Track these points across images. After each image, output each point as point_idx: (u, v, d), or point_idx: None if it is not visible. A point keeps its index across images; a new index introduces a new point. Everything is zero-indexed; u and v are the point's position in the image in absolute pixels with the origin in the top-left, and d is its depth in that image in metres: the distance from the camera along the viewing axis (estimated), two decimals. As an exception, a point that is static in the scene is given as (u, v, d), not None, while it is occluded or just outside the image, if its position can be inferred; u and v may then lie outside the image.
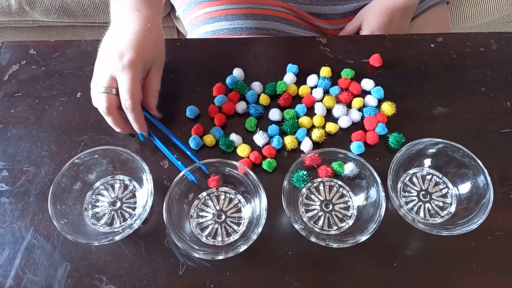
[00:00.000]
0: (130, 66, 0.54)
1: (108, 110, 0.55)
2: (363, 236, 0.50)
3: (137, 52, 0.55)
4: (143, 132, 0.58)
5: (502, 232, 0.54)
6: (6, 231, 0.55)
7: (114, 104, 0.56)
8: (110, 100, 0.55)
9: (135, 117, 0.56)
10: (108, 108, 0.55)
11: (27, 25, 1.16)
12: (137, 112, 0.56)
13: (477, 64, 0.66)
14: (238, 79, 0.64)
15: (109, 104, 0.55)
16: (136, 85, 0.55)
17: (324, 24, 0.81)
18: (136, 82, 0.55)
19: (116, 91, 0.55)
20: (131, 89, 0.55)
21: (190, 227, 0.54)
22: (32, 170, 0.59)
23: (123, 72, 0.55)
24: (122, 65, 0.54)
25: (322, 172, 0.57)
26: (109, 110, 0.56)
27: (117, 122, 0.57)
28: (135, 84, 0.55)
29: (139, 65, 0.55)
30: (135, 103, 0.55)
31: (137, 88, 0.56)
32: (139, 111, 0.57)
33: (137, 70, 0.55)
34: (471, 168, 0.54)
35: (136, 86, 0.55)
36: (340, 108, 0.62)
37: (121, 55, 0.55)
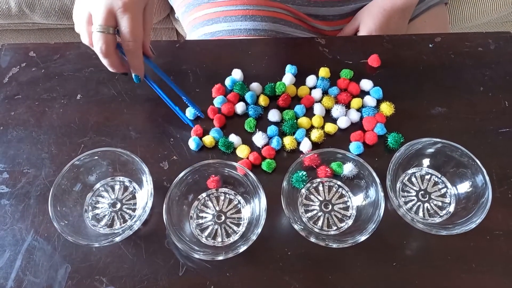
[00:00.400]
0: (133, 5, 0.52)
1: (106, 51, 0.53)
2: (363, 236, 0.50)
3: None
4: (140, 74, 0.57)
5: (501, 231, 0.55)
6: (7, 233, 0.55)
7: (112, 45, 0.53)
8: (108, 40, 0.52)
9: (136, 59, 0.55)
10: (107, 50, 0.53)
11: (27, 28, 1.17)
12: (138, 54, 0.55)
13: (476, 64, 0.67)
14: (237, 80, 0.65)
15: (107, 45, 0.53)
16: (139, 26, 0.53)
17: (322, 25, 0.81)
18: (139, 22, 0.53)
19: (113, 30, 0.53)
20: (134, 30, 0.52)
21: (190, 228, 0.55)
22: (33, 172, 0.59)
23: (125, 11, 0.52)
24: (124, 3, 0.51)
25: (321, 173, 0.57)
26: (107, 52, 0.53)
27: (114, 64, 0.55)
28: (138, 25, 0.53)
29: (141, 4, 0.53)
30: (137, 45, 0.54)
31: (140, 29, 0.53)
32: (141, 52, 0.55)
33: (139, 9, 0.53)
34: (469, 168, 0.54)
35: (139, 26, 0.53)
36: (339, 108, 0.62)
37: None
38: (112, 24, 0.52)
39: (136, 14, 0.53)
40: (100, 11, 0.52)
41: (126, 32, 0.52)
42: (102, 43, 0.52)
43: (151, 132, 0.62)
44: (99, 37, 0.52)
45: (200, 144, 0.60)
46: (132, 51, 0.54)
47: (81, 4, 0.55)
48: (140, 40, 0.54)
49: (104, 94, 0.65)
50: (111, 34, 0.52)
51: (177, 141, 0.61)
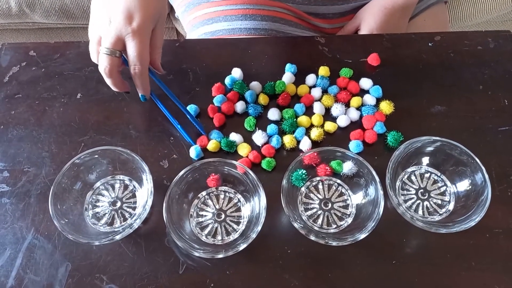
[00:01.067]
0: (141, 31, 0.54)
1: (109, 72, 0.56)
2: (362, 234, 0.50)
3: (146, 13, 0.54)
4: (147, 94, 0.59)
5: (501, 229, 0.55)
6: (7, 231, 0.55)
7: (117, 67, 0.56)
8: (113, 62, 0.55)
9: (142, 81, 0.57)
10: (110, 71, 0.56)
11: (27, 27, 1.17)
12: (145, 76, 0.57)
13: (475, 62, 0.67)
14: (237, 79, 0.65)
15: (112, 66, 0.55)
16: (146, 50, 0.55)
17: (322, 23, 0.81)
18: (146, 47, 0.55)
19: (120, 53, 0.55)
20: (141, 54, 0.55)
21: (190, 226, 0.55)
22: (33, 171, 0.59)
23: (134, 37, 0.54)
24: (133, 29, 0.54)
25: (321, 171, 0.57)
26: (111, 73, 0.56)
27: (116, 84, 0.58)
28: (145, 49, 0.55)
29: (149, 28, 0.55)
30: (144, 68, 0.56)
31: (146, 53, 0.55)
32: (147, 75, 0.57)
33: (147, 34, 0.55)
34: (469, 166, 0.54)
35: (146, 51, 0.55)
36: (338, 107, 0.62)
37: (130, 17, 0.54)
38: (119, 48, 0.55)
39: (143, 39, 0.55)
40: (110, 35, 0.55)
41: (133, 57, 0.55)
42: (106, 64, 0.55)
43: (151, 131, 0.62)
44: (104, 58, 0.55)
45: (201, 154, 0.60)
46: (138, 74, 0.56)
47: (94, 25, 0.58)
48: (147, 63, 0.56)
49: (104, 93, 0.65)
50: (116, 57, 0.55)
51: (177, 140, 0.61)
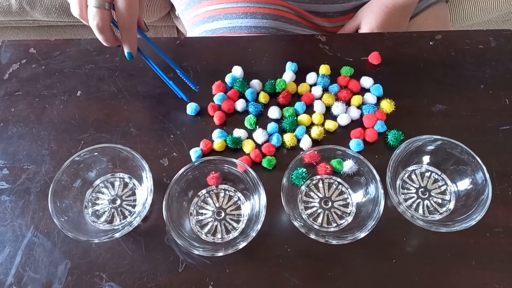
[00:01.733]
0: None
1: (102, 28, 0.52)
2: (362, 233, 0.50)
3: None
4: (133, 51, 0.56)
5: (501, 228, 0.55)
6: (7, 229, 0.55)
7: (108, 21, 0.52)
8: (104, 16, 0.51)
9: (130, 36, 0.54)
10: (102, 26, 0.52)
11: (27, 25, 1.17)
12: (133, 31, 0.54)
13: (476, 61, 0.66)
14: (237, 77, 0.65)
15: (103, 21, 0.52)
16: (136, 2, 0.52)
17: (323, 22, 0.81)
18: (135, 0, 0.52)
19: (109, 5, 0.51)
20: (131, 6, 0.51)
21: (190, 224, 0.55)
22: (33, 168, 0.59)
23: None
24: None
25: (321, 170, 0.57)
26: (103, 28, 0.52)
27: (108, 39, 0.54)
28: (136, 1, 0.52)
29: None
30: (133, 20, 0.52)
31: (136, 6, 0.52)
32: (135, 29, 0.54)
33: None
34: (469, 165, 0.54)
35: (136, 3, 0.52)
36: (339, 105, 0.62)
37: None
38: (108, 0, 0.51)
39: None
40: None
41: (123, 8, 0.51)
42: (98, 19, 0.51)
43: (151, 129, 0.62)
44: (95, 12, 0.51)
45: (201, 155, 0.59)
46: (127, 28, 0.53)
47: None
48: (136, 16, 0.53)
49: (104, 91, 0.65)
50: (107, 10, 0.51)
51: (177, 137, 0.61)
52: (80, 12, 0.53)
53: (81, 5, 0.53)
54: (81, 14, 0.53)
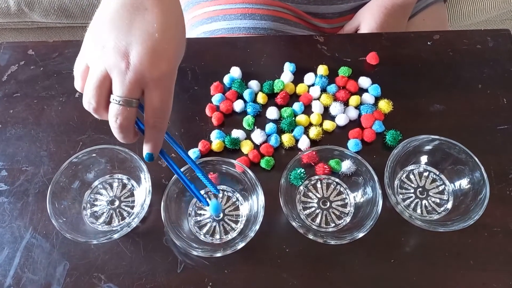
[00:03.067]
0: (169, 75, 0.42)
1: (126, 128, 0.43)
2: (361, 233, 0.50)
3: (176, 52, 0.43)
4: (156, 153, 0.47)
5: (499, 228, 0.55)
6: (5, 230, 0.55)
7: (134, 120, 0.44)
8: (131, 115, 0.43)
9: (159, 138, 0.45)
10: (127, 127, 0.43)
11: (26, 26, 1.17)
12: (163, 133, 0.46)
13: (474, 61, 0.67)
14: (235, 78, 0.65)
15: (129, 121, 0.43)
16: (171, 100, 0.44)
17: (321, 23, 0.81)
18: (172, 96, 0.44)
19: (137, 103, 0.43)
20: (168, 106, 0.43)
21: (188, 225, 0.55)
22: (31, 170, 0.59)
23: (161, 84, 0.42)
24: (160, 74, 0.41)
25: (319, 170, 0.57)
26: (127, 129, 0.44)
27: (130, 139, 0.46)
28: (171, 99, 0.44)
29: (176, 72, 0.44)
30: (166, 124, 0.45)
31: (171, 105, 0.44)
32: (164, 132, 0.46)
33: (174, 79, 0.44)
34: (467, 165, 0.54)
35: (171, 101, 0.44)
36: (337, 106, 0.62)
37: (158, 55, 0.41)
38: (137, 96, 0.42)
39: (170, 87, 0.43)
40: (128, 80, 0.41)
41: (158, 109, 0.43)
42: (123, 118, 0.42)
43: (150, 130, 0.62)
44: (120, 111, 0.42)
45: (199, 156, 0.59)
46: (158, 130, 0.44)
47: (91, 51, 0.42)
48: (169, 115, 0.45)
49: (103, 92, 0.65)
50: (134, 108, 0.42)
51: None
52: (97, 107, 0.43)
53: (99, 99, 0.42)
54: (98, 109, 0.43)
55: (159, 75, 0.41)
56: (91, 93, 0.42)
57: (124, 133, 0.44)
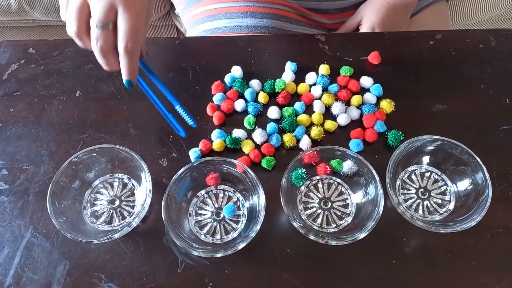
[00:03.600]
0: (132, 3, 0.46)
1: (106, 51, 0.47)
2: (362, 234, 0.50)
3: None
4: (134, 79, 0.50)
5: (501, 229, 0.54)
6: (6, 229, 0.55)
7: (113, 44, 0.47)
8: (109, 38, 0.46)
9: (132, 62, 0.48)
10: (107, 49, 0.47)
11: (26, 25, 1.17)
12: (136, 56, 0.48)
13: (476, 61, 0.66)
14: (236, 77, 0.64)
15: (107, 44, 0.47)
16: (142, 23, 0.47)
17: (323, 19, 0.81)
18: (143, 19, 0.47)
19: (113, 25, 0.46)
20: (136, 28, 0.46)
21: (189, 225, 0.55)
22: (31, 169, 0.59)
23: (130, 6, 0.45)
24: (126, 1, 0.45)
25: (320, 170, 0.57)
26: (107, 51, 0.47)
27: (111, 63, 0.49)
28: (141, 22, 0.47)
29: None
30: (137, 46, 0.47)
31: (143, 28, 0.47)
32: (138, 55, 0.49)
33: (145, 4, 0.47)
34: (469, 165, 0.54)
35: (143, 25, 0.47)
36: (338, 105, 0.62)
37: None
38: (112, 19, 0.46)
39: (141, 9, 0.47)
40: (102, 2, 0.46)
41: (126, 30, 0.46)
42: (102, 41, 0.47)
43: (150, 129, 0.61)
44: (99, 34, 0.46)
45: (200, 155, 0.59)
46: (130, 53, 0.47)
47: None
48: (140, 40, 0.48)
49: (103, 91, 0.64)
50: (111, 31, 0.47)
51: (176, 138, 0.61)
52: (78, 31, 0.48)
53: (79, 24, 0.47)
54: (79, 33, 0.48)
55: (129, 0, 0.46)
56: (72, 18, 0.47)
57: (106, 57, 0.48)
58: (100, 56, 0.48)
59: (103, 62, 0.49)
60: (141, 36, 0.48)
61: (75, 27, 0.48)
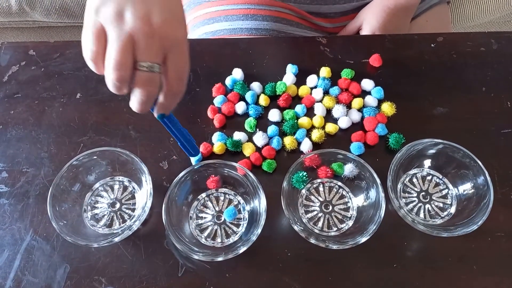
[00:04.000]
0: (186, 40, 0.44)
1: (152, 95, 0.44)
2: (363, 237, 0.50)
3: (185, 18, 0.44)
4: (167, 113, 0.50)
5: (503, 233, 0.54)
6: (6, 232, 0.55)
7: (159, 87, 0.44)
8: (157, 82, 0.43)
9: (175, 103, 0.47)
10: (154, 93, 0.44)
11: (27, 26, 1.16)
12: (180, 98, 0.47)
13: (478, 64, 0.66)
14: (237, 80, 0.64)
15: (156, 88, 0.44)
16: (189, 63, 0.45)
17: (324, 22, 0.81)
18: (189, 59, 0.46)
19: (160, 68, 0.43)
20: (186, 69, 0.45)
21: (190, 228, 0.54)
22: (32, 172, 0.59)
23: (182, 46, 0.43)
24: (182, 37, 0.43)
25: (321, 173, 0.56)
26: (153, 95, 0.44)
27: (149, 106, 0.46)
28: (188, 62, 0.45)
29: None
30: (184, 89, 0.46)
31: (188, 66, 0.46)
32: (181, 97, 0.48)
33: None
34: (471, 169, 0.54)
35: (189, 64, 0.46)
36: (340, 108, 0.61)
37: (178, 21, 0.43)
38: (160, 61, 0.43)
39: (187, 49, 0.45)
40: (153, 42, 0.41)
41: (181, 72, 0.45)
42: (153, 85, 0.43)
43: (151, 132, 0.61)
44: (150, 77, 0.42)
45: (200, 158, 0.59)
46: (177, 95, 0.46)
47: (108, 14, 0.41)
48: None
49: (104, 93, 0.64)
50: (158, 73, 0.43)
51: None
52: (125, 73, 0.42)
53: (127, 64, 0.42)
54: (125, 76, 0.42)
55: (182, 38, 0.43)
56: (119, 59, 0.41)
57: (150, 101, 0.44)
58: (143, 102, 0.44)
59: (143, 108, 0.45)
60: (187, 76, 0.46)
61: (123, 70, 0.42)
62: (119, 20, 0.41)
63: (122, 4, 0.41)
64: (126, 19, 0.41)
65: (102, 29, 0.42)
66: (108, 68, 0.42)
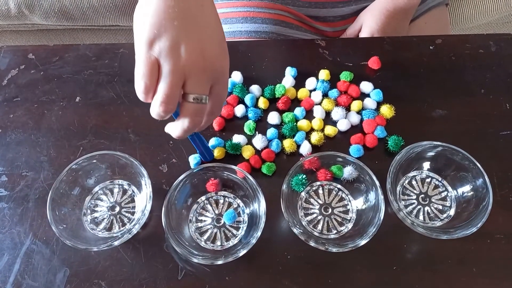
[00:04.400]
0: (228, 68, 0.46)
1: (198, 125, 0.45)
2: (363, 240, 0.50)
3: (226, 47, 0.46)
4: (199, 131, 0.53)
5: (502, 235, 0.54)
6: (5, 236, 0.55)
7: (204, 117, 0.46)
8: (204, 112, 0.45)
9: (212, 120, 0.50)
10: (200, 123, 0.45)
11: (26, 29, 1.16)
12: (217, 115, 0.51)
13: (476, 66, 0.66)
14: (237, 83, 0.64)
15: (202, 118, 0.45)
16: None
17: (323, 26, 0.81)
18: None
19: (207, 99, 0.45)
20: (226, 95, 0.48)
21: (189, 231, 0.54)
22: (31, 175, 0.59)
23: (226, 75, 0.46)
24: (227, 67, 0.46)
25: (321, 176, 0.56)
26: (198, 125, 0.46)
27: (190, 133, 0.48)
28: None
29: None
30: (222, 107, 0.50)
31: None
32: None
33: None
34: (470, 171, 0.54)
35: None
36: (339, 111, 0.62)
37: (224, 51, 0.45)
38: (207, 93, 0.45)
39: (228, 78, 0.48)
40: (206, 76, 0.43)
41: (222, 100, 0.47)
42: (201, 116, 0.45)
43: (150, 135, 0.61)
44: (199, 109, 0.44)
45: (200, 161, 0.59)
46: (214, 117, 0.49)
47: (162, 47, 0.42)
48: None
49: (103, 97, 0.64)
50: (204, 104, 0.45)
51: (176, 144, 0.60)
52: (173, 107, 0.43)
53: (176, 98, 0.43)
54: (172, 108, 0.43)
55: (227, 69, 0.46)
56: (170, 93, 0.42)
57: (195, 129, 0.46)
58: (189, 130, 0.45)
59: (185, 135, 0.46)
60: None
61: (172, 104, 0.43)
62: (174, 54, 0.41)
63: (177, 38, 0.42)
64: (181, 53, 0.42)
65: (156, 63, 0.42)
66: (157, 100, 0.43)
